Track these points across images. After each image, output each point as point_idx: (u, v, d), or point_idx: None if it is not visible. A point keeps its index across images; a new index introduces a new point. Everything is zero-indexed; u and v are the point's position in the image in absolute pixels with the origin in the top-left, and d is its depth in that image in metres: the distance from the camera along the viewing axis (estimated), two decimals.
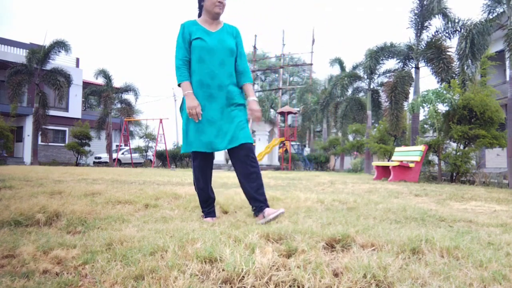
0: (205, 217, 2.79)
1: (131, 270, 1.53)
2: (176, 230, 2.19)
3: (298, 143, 27.47)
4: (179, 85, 2.69)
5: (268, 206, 2.63)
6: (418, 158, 9.13)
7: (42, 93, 20.54)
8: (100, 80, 24.67)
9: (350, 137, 23.48)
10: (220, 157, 26.68)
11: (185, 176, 9.17)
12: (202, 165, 2.75)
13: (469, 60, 10.10)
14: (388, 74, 17.13)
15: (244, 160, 2.64)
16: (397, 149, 11.11)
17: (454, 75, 12.30)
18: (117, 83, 26.35)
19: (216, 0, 2.64)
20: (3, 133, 18.15)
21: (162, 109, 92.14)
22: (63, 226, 2.50)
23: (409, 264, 1.65)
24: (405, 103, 14.90)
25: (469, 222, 2.99)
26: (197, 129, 2.62)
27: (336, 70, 23.76)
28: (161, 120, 23.85)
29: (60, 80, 20.46)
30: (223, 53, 2.66)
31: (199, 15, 2.81)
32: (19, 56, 22.58)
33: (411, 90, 14.78)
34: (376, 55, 15.93)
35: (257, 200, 2.64)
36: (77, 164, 21.65)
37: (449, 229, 2.60)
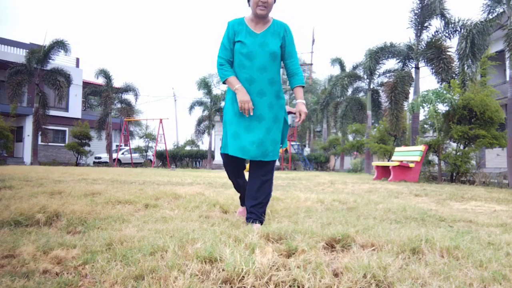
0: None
1: (131, 270, 1.53)
2: (176, 230, 2.19)
3: (298, 143, 27.45)
4: (224, 83, 2.58)
5: (261, 222, 2.53)
6: (418, 158, 9.13)
7: (42, 93, 20.54)
8: (100, 80, 24.68)
9: (350, 137, 23.48)
10: (220, 157, 26.71)
11: (185, 176, 9.17)
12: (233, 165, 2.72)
13: (470, 60, 10.10)
14: (388, 74, 17.15)
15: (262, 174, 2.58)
16: (397, 149, 11.11)
17: (454, 75, 12.31)
18: (117, 83, 26.41)
19: (259, 1, 2.45)
20: (3, 133, 18.15)
21: (162, 109, 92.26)
22: (63, 226, 2.50)
23: (409, 264, 1.65)
24: (405, 103, 14.91)
25: (469, 222, 2.99)
26: (234, 133, 2.52)
27: (336, 70, 23.79)
28: (161, 120, 23.87)
29: (60, 80, 20.46)
30: (263, 58, 2.50)
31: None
32: (19, 56, 22.57)
33: (411, 90, 14.80)
34: (376, 55, 15.94)
35: (253, 213, 2.54)
36: (77, 164, 21.65)
37: (449, 229, 2.60)
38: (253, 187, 2.58)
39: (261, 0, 2.44)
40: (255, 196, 2.56)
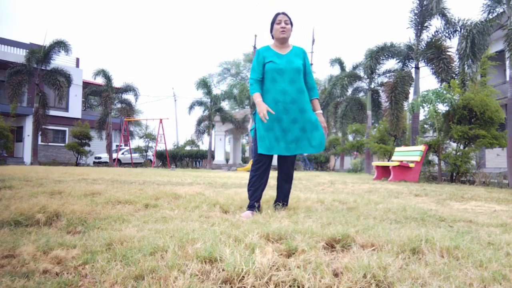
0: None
1: (131, 270, 1.53)
2: (176, 230, 2.19)
3: None
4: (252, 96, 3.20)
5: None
6: (418, 158, 9.13)
7: (42, 93, 20.53)
8: (100, 80, 24.67)
9: (350, 137, 23.48)
10: (220, 157, 26.70)
11: (185, 176, 9.17)
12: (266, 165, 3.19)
13: (470, 60, 10.10)
14: (388, 74, 17.14)
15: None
16: (397, 149, 11.11)
17: (454, 75, 12.30)
18: (117, 83, 26.41)
19: (279, 27, 3.09)
20: (3, 133, 18.14)
21: (162, 109, 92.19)
22: (63, 226, 2.49)
23: (409, 264, 1.65)
24: (405, 103, 14.91)
25: (469, 222, 2.99)
26: (274, 136, 3.05)
27: (336, 70, 23.76)
28: (161, 120, 23.88)
29: (60, 80, 20.45)
30: (292, 72, 3.05)
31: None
32: (19, 56, 22.57)
33: (411, 90, 14.79)
34: (376, 55, 15.93)
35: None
36: (77, 164, 21.64)
37: (449, 229, 2.60)
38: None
39: (281, 27, 3.09)
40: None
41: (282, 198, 3.26)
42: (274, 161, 3.23)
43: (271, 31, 3.20)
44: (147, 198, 3.68)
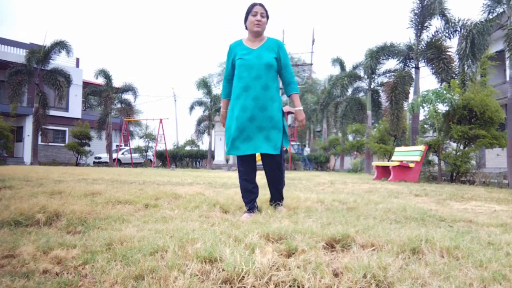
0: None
1: (131, 270, 1.53)
2: (176, 230, 2.19)
3: (298, 143, 27.45)
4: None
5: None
6: (418, 158, 9.12)
7: (42, 93, 20.53)
8: (100, 80, 24.68)
9: (350, 137, 23.48)
10: (220, 157, 26.70)
11: (185, 176, 9.17)
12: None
13: (470, 60, 10.10)
14: (388, 74, 17.14)
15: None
16: (397, 149, 11.10)
17: (454, 75, 12.30)
18: (117, 83, 26.39)
19: (254, 20, 2.94)
20: (3, 133, 18.13)
21: (162, 109, 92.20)
22: (63, 226, 2.49)
23: (409, 264, 1.65)
24: (405, 103, 14.90)
25: (469, 222, 2.99)
26: (229, 136, 2.98)
27: (336, 70, 23.78)
28: (161, 120, 23.88)
29: (60, 80, 20.46)
30: (259, 68, 2.90)
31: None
32: (19, 56, 22.57)
33: (411, 90, 14.79)
34: (377, 55, 15.92)
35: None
36: (77, 164, 21.64)
37: (449, 229, 2.60)
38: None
39: (256, 20, 2.94)
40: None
41: (275, 198, 3.20)
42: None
43: (245, 22, 3.03)
44: (147, 198, 3.67)
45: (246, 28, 3.05)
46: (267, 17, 3.01)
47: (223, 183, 6.57)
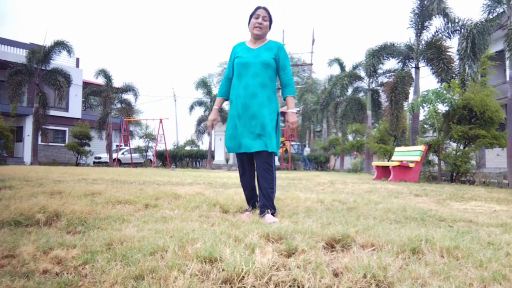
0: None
1: (131, 270, 1.53)
2: (176, 230, 2.19)
3: (298, 143, 27.47)
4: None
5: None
6: (418, 158, 9.13)
7: (42, 93, 20.52)
8: (100, 80, 24.66)
9: (350, 137, 23.47)
10: (220, 157, 26.70)
11: (185, 176, 9.17)
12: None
13: (470, 60, 10.09)
14: (388, 74, 17.13)
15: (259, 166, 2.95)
16: (397, 149, 11.11)
17: (454, 75, 12.29)
18: (117, 83, 26.38)
19: (255, 22, 2.99)
20: (3, 133, 18.12)
21: (162, 109, 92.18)
22: (63, 226, 2.49)
23: (409, 264, 1.65)
24: (405, 103, 14.89)
25: (469, 222, 2.99)
26: (229, 134, 3.02)
27: (336, 70, 23.78)
28: (161, 120, 23.87)
29: (60, 80, 20.44)
30: (257, 66, 2.93)
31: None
32: (19, 56, 22.55)
33: (411, 90, 14.78)
34: (377, 55, 15.91)
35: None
36: (77, 164, 21.63)
37: (449, 229, 2.60)
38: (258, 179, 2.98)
39: (257, 22, 2.98)
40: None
41: (262, 203, 2.86)
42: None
43: (248, 24, 3.07)
44: (147, 198, 3.68)
45: (249, 30, 3.09)
46: (271, 21, 3.05)
47: (223, 183, 6.57)
